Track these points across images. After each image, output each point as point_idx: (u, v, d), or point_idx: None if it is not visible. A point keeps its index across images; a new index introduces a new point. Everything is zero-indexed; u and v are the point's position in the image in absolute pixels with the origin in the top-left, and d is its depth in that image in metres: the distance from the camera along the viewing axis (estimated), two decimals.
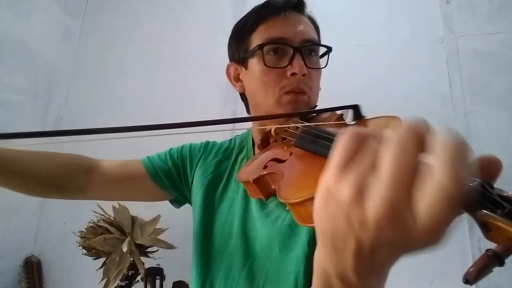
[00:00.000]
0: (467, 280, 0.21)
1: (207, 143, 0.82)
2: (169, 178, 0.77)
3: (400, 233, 0.22)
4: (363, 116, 0.53)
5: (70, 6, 2.11)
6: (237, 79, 0.72)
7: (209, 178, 0.74)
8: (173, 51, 1.94)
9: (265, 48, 0.63)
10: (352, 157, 0.25)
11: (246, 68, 0.69)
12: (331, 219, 0.25)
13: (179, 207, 0.85)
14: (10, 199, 1.70)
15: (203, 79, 1.84)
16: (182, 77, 1.88)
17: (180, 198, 0.81)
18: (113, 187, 0.76)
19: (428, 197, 0.21)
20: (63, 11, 2.06)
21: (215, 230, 0.68)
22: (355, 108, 0.53)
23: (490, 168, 0.24)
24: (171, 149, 0.82)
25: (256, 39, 0.66)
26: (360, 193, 0.23)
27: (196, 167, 0.77)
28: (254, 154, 0.72)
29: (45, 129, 1.93)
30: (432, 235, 0.22)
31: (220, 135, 1.69)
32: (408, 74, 1.54)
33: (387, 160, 0.23)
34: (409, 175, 0.22)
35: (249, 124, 0.80)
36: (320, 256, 0.30)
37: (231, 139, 0.82)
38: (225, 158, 0.77)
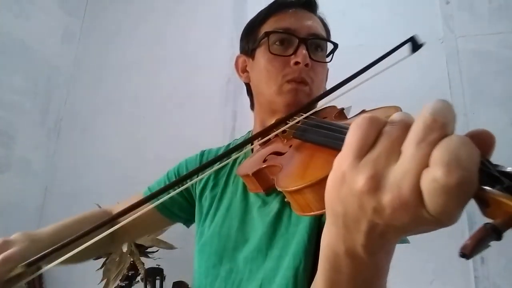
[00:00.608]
0: (464, 253, 0.21)
1: (202, 152, 0.81)
2: (176, 204, 0.78)
3: (415, 219, 0.23)
4: (421, 45, 0.51)
5: (70, 6, 2.11)
6: (244, 70, 0.74)
7: (210, 187, 0.74)
8: (173, 51, 1.94)
9: (272, 37, 0.65)
10: (368, 143, 0.25)
11: (253, 59, 0.71)
12: (343, 201, 0.26)
13: (189, 226, 0.84)
14: (10, 199, 1.70)
15: (203, 79, 1.84)
16: (182, 77, 1.88)
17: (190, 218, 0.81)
18: (132, 232, 0.80)
19: (428, 187, 0.21)
20: (63, 11, 2.06)
21: (213, 233, 0.67)
22: (412, 40, 0.52)
23: (482, 143, 0.23)
24: (168, 172, 0.82)
25: (264, 30, 0.68)
26: (376, 184, 0.23)
27: (196, 186, 0.77)
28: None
29: (45, 129, 1.93)
30: (444, 220, 0.22)
31: (220, 136, 1.69)
32: (408, 74, 1.54)
33: (409, 153, 0.23)
34: (423, 166, 0.22)
35: (249, 126, 0.80)
36: (329, 236, 0.30)
37: (228, 144, 0.82)
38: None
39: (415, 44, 0.51)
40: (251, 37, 0.71)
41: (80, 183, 1.88)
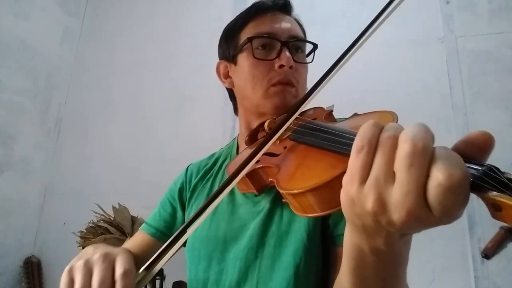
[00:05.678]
0: (486, 255, 0.24)
1: (187, 168, 0.82)
2: (175, 228, 0.77)
3: (423, 223, 0.27)
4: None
5: (70, 6, 2.11)
6: (226, 76, 0.74)
7: (198, 191, 0.74)
8: (173, 51, 1.94)
9: (254, 42, 0.66)
10: (367, 168, 0.29)
11: (235, 64, 0.71)
12: (359, 217, 0.30)
13: None
14: (10, 199, 1.70)
15: (203, 79, 1.83)
16: (182, 77, 1.88)
17: None
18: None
19: (436, 193, 0.25)
20: (63, 11, 2.06)
21: (201, 236, 0.67)
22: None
23: (480, 143, 0.27)
24: (161, 202, 0.81)
25: (245, 35, 0.68)
26: (382, 205, 0.27)
27: (187, 197, 0.77)
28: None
29: (45, 129, 1.93)
30: (450, 218, 0.26)
31: (220, 136, 1.69)
32: (408, 74, 1.54)
33: (401, 176, 0.26)
34: (422, 183, 0.26)
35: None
36: (353, 239, 0.34)
37: (213, 154, 0.82)
38: (209, 169, 0.77)
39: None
40: (231, 42, 0.71)
41: (80, 183, 1.88)
